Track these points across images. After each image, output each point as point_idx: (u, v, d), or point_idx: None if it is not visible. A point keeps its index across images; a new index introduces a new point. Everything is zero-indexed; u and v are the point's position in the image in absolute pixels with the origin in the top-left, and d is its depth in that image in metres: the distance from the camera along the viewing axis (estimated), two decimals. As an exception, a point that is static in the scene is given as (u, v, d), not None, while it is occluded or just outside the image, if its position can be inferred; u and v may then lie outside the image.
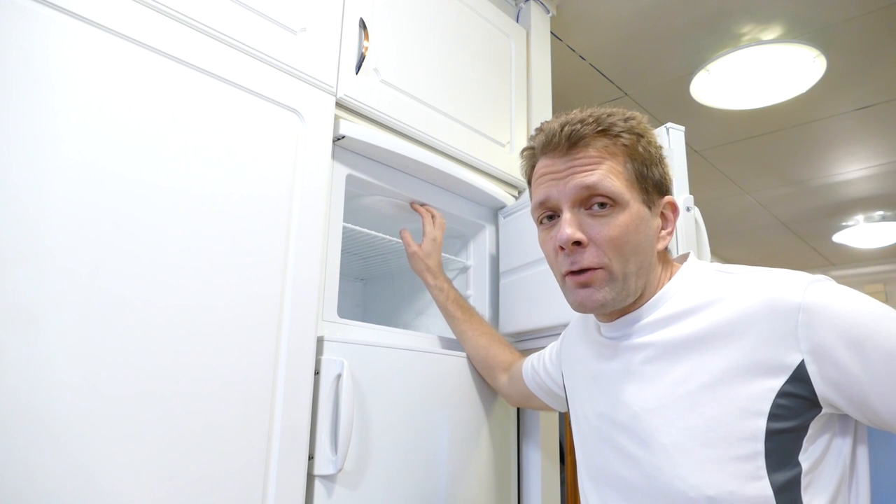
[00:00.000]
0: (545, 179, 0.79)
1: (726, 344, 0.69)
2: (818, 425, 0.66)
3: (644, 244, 0.76)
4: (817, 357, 0.64)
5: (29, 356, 0.70)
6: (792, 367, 0.65)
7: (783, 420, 0.65)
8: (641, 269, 0.77)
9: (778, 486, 0.64)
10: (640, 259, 0.76)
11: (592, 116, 0.77)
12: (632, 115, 0.79)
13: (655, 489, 0.70)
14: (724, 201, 3.27)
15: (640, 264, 0.76)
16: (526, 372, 1.10)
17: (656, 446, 0.71)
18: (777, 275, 0.71)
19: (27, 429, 0.69)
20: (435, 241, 1.27)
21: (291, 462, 0.91)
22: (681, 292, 0.77)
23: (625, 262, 0.75)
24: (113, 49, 0.83)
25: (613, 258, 0.75)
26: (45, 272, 0.73)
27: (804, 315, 0.65)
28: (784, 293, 0.67)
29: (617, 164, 0.76)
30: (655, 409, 0.73)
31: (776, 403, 0.65)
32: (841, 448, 0.68)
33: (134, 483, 0.76)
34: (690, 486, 0.67)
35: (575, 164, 0.76)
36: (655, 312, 0.78)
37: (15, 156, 0.73)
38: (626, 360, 0.78)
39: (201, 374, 0.84)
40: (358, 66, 1.14)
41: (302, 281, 0.98)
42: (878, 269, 4.36)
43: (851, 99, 2.28)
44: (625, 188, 0.75)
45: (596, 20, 1.87)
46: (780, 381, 0.65)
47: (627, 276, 0.75)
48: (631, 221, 0.75)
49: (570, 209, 0.76)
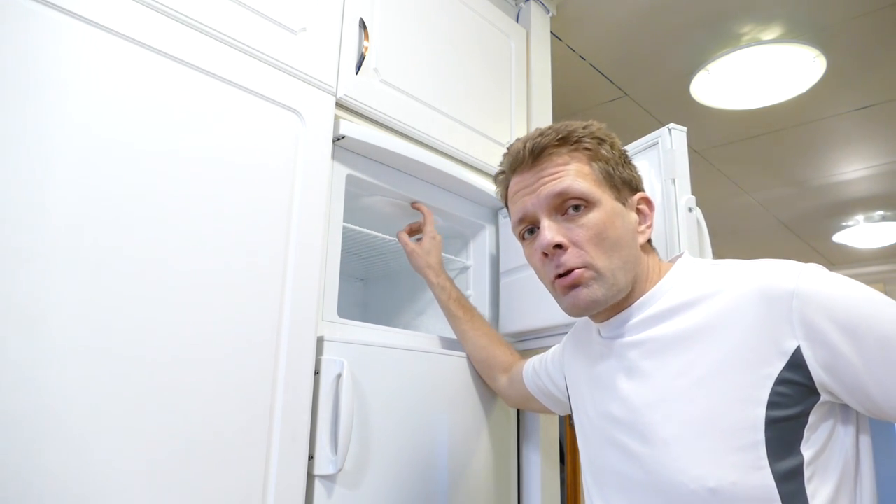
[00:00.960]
0: (519, 196, 0.82)
1: (722, 335, 0.70)
2: (819, 414, 0.66)
3: (624, 238, 0.78)
4: (812, 342, 0.65)
5: (29, 356, 0.70)
6: (788, 353, 0.65)
7: (782, 408, 0.65)
8: (627, 264, 0.78)
9: (780, 476, 0.64)
10: (624, 253, 0.78)
11: (552, 129, 0.81)
12: (590, 123, 0.83)
13: (657, 484, 0.70)
14: (724, 201, 3.26)
15: (625, 259, 0.78)
16: (527, 374, 1.10)
17: (656, 441, 0.71)
18: (769, 264, 0.71)
19: (27, 429, 0.69)
20: (434, 238, 1.27)
21: (291, 462, 0.91)
22: (675, 287, 0.78)
23: (608, 257, 0.77)
24: (113, 49, 0.83)
25: (596, 255, 0.76)
26: (46, 272, 0.73)
27: (798, 301, 0.65)
28: (777, 280, 0.68)
29: (583, 167, 0.79)
30: (654, 403, 0.73)
31: (774, 391, 0.65)
32: (843, 438, 0.68)
33: (134, 483, 0.76)
34: (691, 479, 0.67)
35: (543, 174, 0.79)
36: (649, 309, 0.78)
37: (15, 156, 0.73)
38: (623, 358, 0.79)
39: (201, 374, 0.84)
40: (358, 66, 1.14)
41: (302, 281, 0.98)
42: (878, 269, 4.36)
43: (851, 99, 2.28)
44: (595, 187, 0.78)
45: (596, 20, 1.87)
46: (777, 368, 0.66)
47: (614, 271, 0.77)
48: (607, 217, 0.77)
49: (547, 217, 0.79)
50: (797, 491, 0.64)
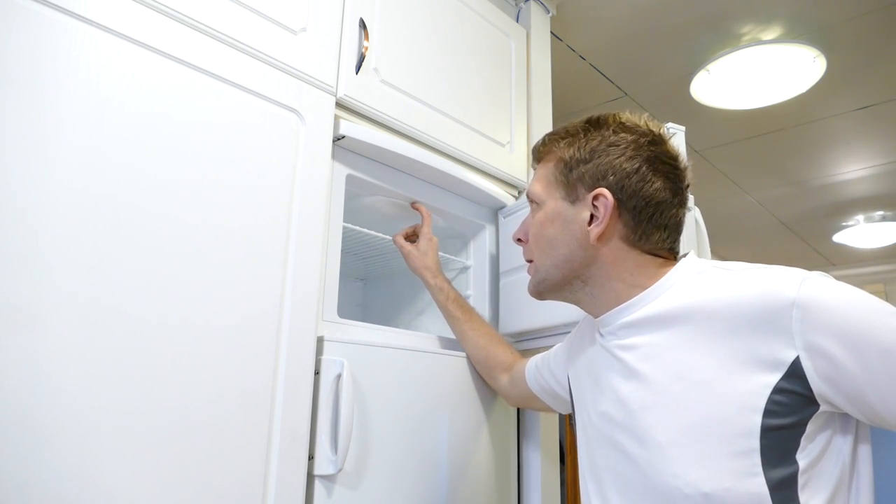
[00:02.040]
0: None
1: (722, 340, 0.69)
2: (817, 424, 0.66)
3: (562, 238, 0.82)
4: (812, 353, 0.64)
5: (29, 357, 0.70)
6: (787, 363, 0.65)
7: (779, 417, 0.65)
8: (565, 262, 0.82)
9: (774, 484, 0.64)
10: (560, 252, 0.82)
11: (550, 132, 0.88)
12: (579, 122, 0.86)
13: (652, 487, 0.70)
14: (724, 201, 3.26)
15: (561, 256, 0.82)
16: (529, 373, 1.10)
17: (652, 444, 0.71)
18: (772, 270, 0.71)
19: (26, 430, 0.69)
20: (431, 240, 1.27)
21: (291, 462, 0.91)
22: (676, 286, 0.77)
23: (542, 254, 0.85)
24: (113, 49, 0.83)
25: (535, 252, 0.86)
26: (46, 273, 0.73)
27: (798, 311, 0.65)
28: (779, 289, 0.67)
29: (548, 168, 0.85)
30: (651, 406, 0.73)
31: (771, 399, 0.65)
32: (841, 448, 0.68)
33: (134, 483, 0.76)
34: (686, 483, 0.67)
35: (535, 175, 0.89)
36: (644, 309, 0.78)
37: (15, 156, 0.73)
38: (621, 359, 0.79)
39: (201, 375, 0.84)
40: (358, 66, 1.14)
41: (302, 281, 0.98)
42: (878, 269, 4.36)
43: (851, 99, 2.28)
44: (544, 188, 0.85)
45: (596, 20, 1.87)
46: (775, 378, 0.65)
47: (547, 267, 0.84)
48: (545, 218, 0.84)
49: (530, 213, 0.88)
50: (790, 498, 0.64)
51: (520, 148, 1.50)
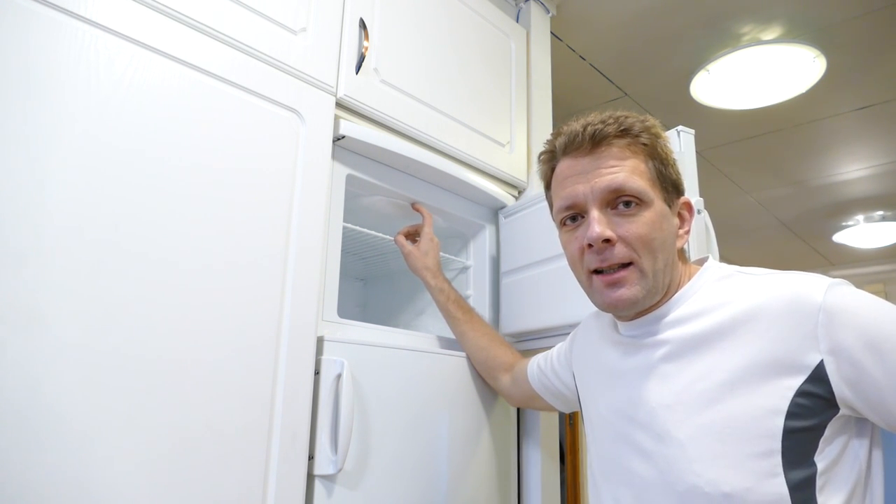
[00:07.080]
0: (571, 181, 0.80)
1: (746, 342, 0.70)
2: (835, 427, 0.67)
3: (668, 241, 0.78)
4: (836, 357, 0.65)
5: (29, 356, 0.70)
6: (811, 366, 0.66)
7: (801, 419, 0.66)
8: (667, 267, 0.78)
9: (793, 485, 0.65)
10: (666, 256, 0.78)
11: (612, 118, 0.79)
12: (646, 118, 0.81)
13: (669, 484, 0.71)
14: (724, 201, 3.26)
15: (667, 261, 0.78)
16: (531, 373, 1.10)
17: (671, 441, 0.72)
18: (797, 276, 0.72)
19: (27, 429, 0.69)
20: (432, 240, 1.27)
21: (291, 462, 0.91)
22: (701, 291, 0.79)
23: (653, 258, 0.76)
24: (113, 49, 0.83)
25: (643, 255, 0.76)
26: (46, 272, 0.73)
27: (824, 315, 0.66)
28: (805, 293, 0.68)
29: (640, 163, 0.78)
30: (673, 405, 0.73)
31: (794, 402, 0.66)
32: (857, 451, 0.68)
33: (134, 483, 0.76)
34: (706, 482, 0.67)
35: (601, 164, 0.78)
36: (676, 311, 0.79)
37: (16, 156, 0.73)
38: (645, 358, 0.79)
39: (201, 374, 0.84)
40: (358, 66, 1.14)
41: (302, 281, 0.98)
42: (878, 269, 4.36)
43: (851, 99, 2.28)
44: (648, 187, 0.77)
45: (596, 20, 1.87)
46: (799, 380, 0.66)
47: (656, 272, 0.77)
48: (656, 218, 0.77)
49: (597, 209, 0.77)
50: (808, 499, 0.65)
51: (520, 148, 1.50)
